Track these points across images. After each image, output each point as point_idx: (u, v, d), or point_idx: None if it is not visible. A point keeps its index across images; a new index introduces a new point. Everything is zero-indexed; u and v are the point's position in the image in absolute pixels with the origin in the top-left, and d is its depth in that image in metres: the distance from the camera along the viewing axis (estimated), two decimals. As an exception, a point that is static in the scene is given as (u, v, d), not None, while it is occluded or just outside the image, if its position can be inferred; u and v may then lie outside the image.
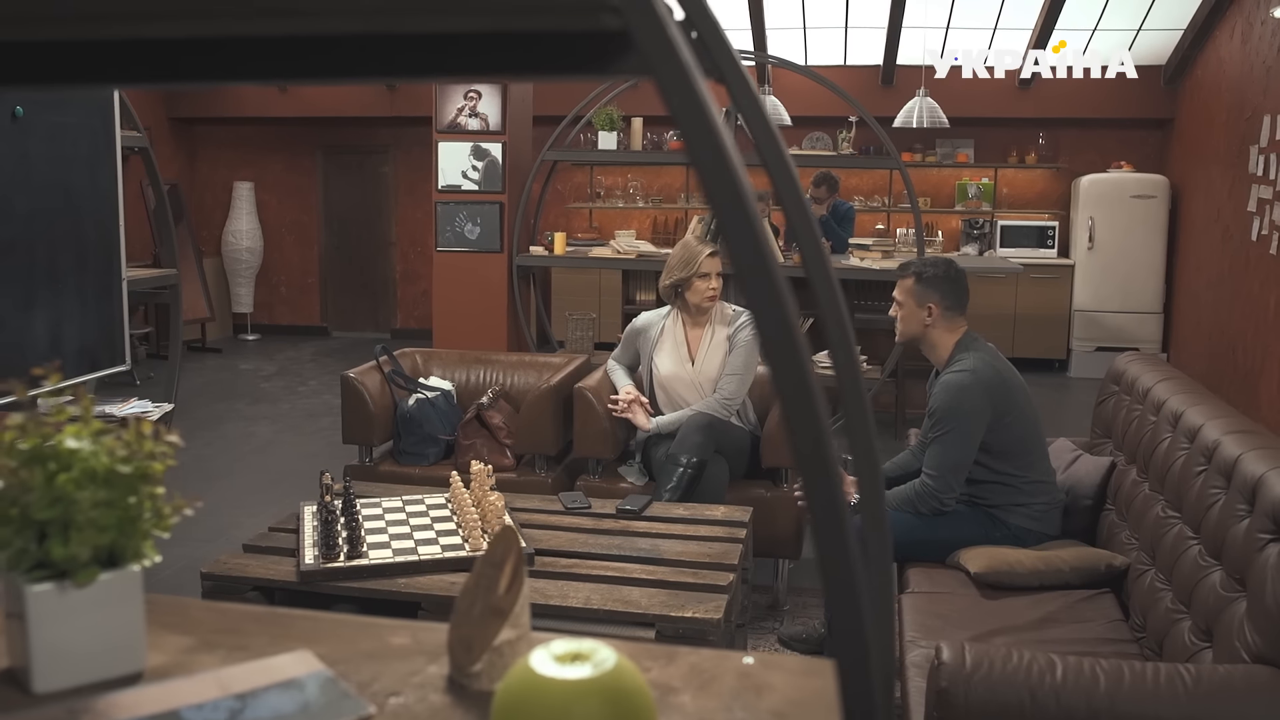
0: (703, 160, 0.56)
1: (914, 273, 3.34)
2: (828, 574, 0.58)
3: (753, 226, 0.57)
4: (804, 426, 0.58)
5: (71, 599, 0.87)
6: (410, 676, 0.92)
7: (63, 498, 0.86)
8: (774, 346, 0.57)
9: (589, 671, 0.71)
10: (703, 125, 0.56)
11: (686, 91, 0.56)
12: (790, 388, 0.58)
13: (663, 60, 0.56)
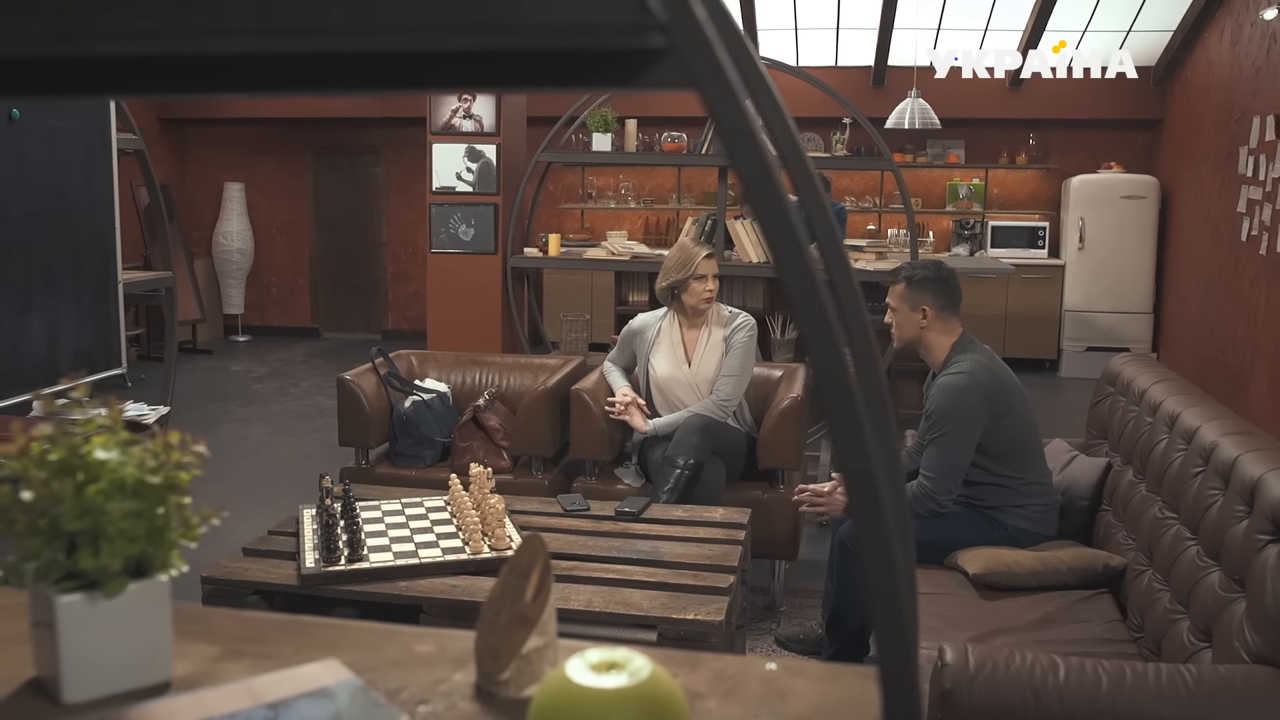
0: (749, 174, 0.57)
1: (905, 277, 3.35)
2: (872, 581, 0.59)
3: (796, 239, 0.58)
4: (848, 441, 0.59)
5: (101, 609, 0.87)
6: (437, 684, 0.92)
7: (93, 509, 0.86)
8: (822, 370, 0.58)
9: (626, 680, 0.71)
10: (748, 141, 0.57)
11: (733, 108, 0.57)
12: (831, 387, 0.59)
13: (710, 79, 0.57)
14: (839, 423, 0.59)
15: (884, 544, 0.60)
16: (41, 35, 0.64)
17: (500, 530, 2.96)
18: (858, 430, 0.58)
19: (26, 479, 0.87)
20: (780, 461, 4.04)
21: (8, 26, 0.62)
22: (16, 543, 0.90)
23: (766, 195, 0.57)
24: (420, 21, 0.55)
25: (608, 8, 0.56)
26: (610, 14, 0.56)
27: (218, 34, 0.59)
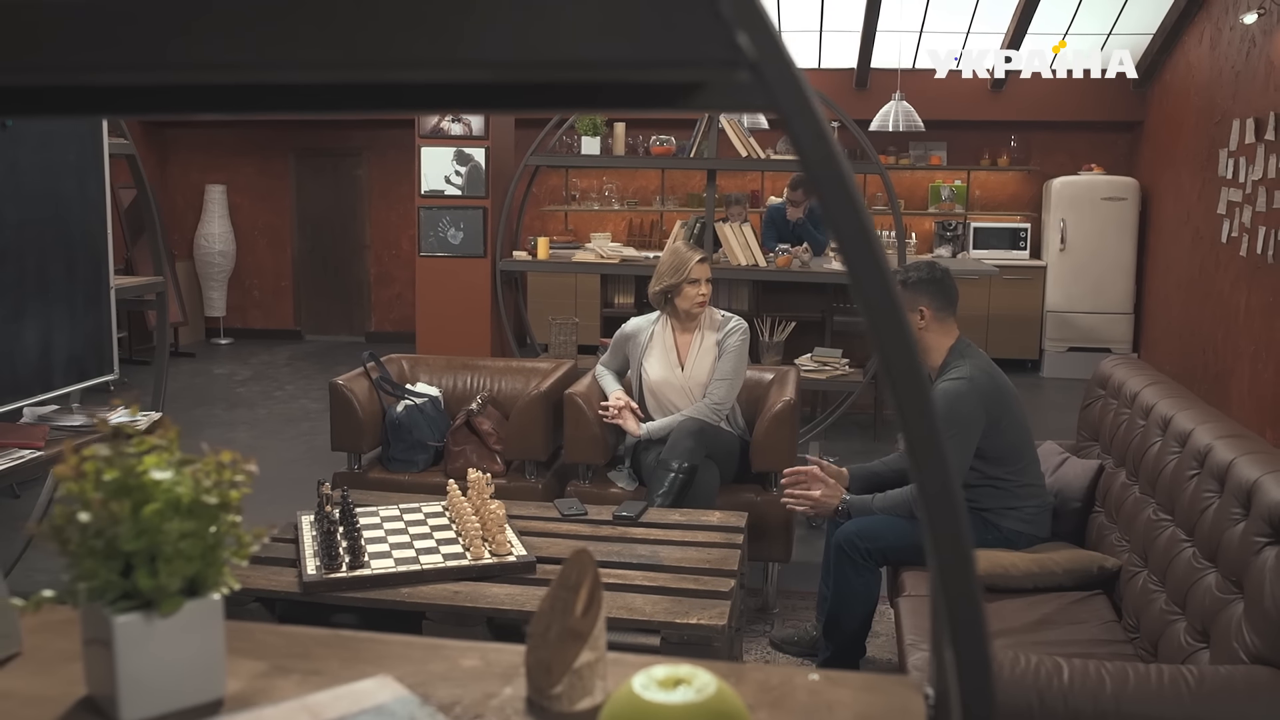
0: (833, 201, 0.59)
1: (899, 280, 3.36)
2: (954, 613, 0.61)
3: (880, 265, 0.59)
4: (929, 463, 0.60)
5: (156, 628, 0.88)
6: (488, 699, 0.94)
7: (150, 530, 0.87)
8: (901, 393, 0.60)
9: (694, 696, 0.73)
10: (833, 170, 0.59)
11: (817, 139, 0.58)
12: (912, 413, 0.60)
13: (797, 112, 0.58)
14: (920, 447, 0.60)
15: (969, 576, 0.61)
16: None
17: (501, 536, 2.97)
18: (939, 456, 0.60)
19: (84, 500, 0.87)
20: (773, 464, 4.06)
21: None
22: (70, 562, 0.91)
23: (849, 222, 0.59)
24: (538, 59, 0.57)
25: (702, 46, 0.57)
26: (704, 51, 0.57)
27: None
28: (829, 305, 6.83)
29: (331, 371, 9.03)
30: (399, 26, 0.58)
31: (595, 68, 0.58)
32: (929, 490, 0.61)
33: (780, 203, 7.46)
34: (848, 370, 5.76)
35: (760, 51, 0.58)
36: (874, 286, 0.59)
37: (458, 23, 0.57)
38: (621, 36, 0.58)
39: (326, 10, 0.57)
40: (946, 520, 0.61)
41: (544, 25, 0.58)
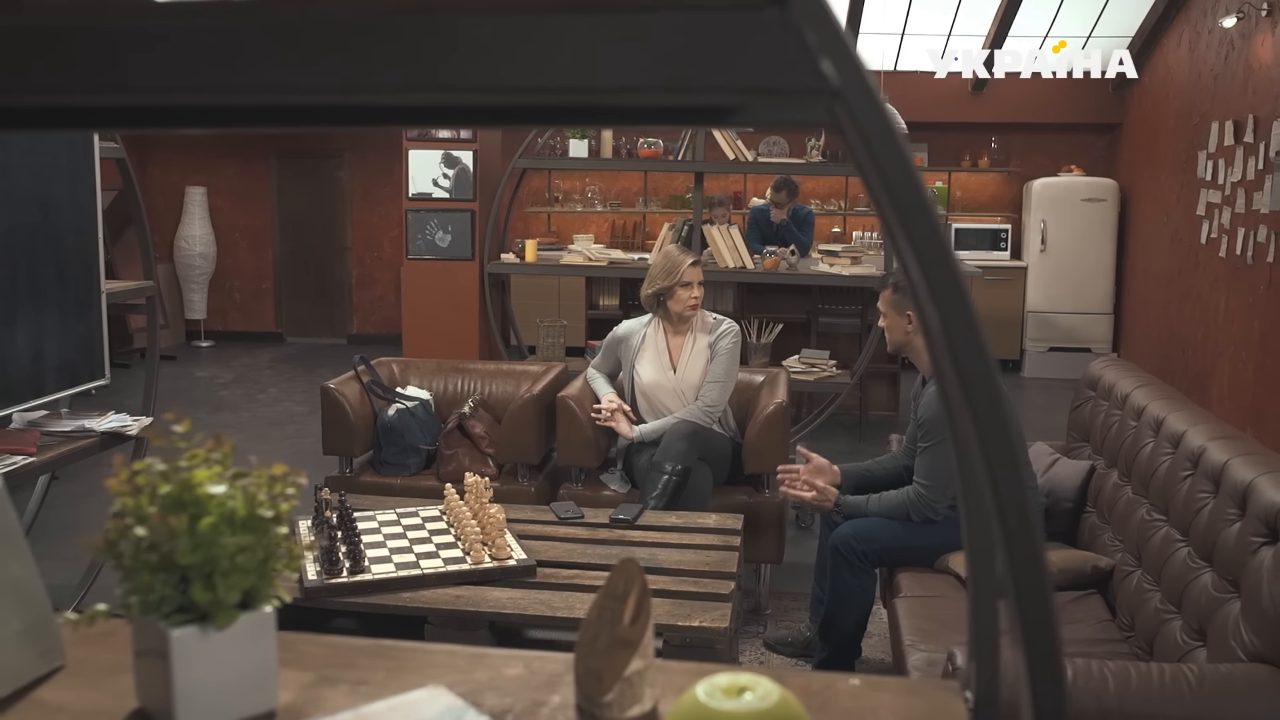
0: (915, 224, 0.60)
1: (892, 283, 3.43)
2: (1034, 666, 0.62)
3: (958, 280, 0.61)
4: (1007, 491, 0.62)
5: (212, 641, 0.89)
6: (538, 707, 0.95)
7: (207, 543, 0.87)
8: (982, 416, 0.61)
9: (759, 703, 0.74)
10: (915, 194, 0.60)
11: (900, 164, 0.60)
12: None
13: (881, 136, 0.60)
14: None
15: (1041, 577, 0.63)
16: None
17: (501, 540, 2.98)
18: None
19: (141, 515, 0.88)
20: (766, 466, 4.09)
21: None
22: (124, 576, 0.91)
23: (930, 245, 0.60)
24: (624, 84, 0.58)
25: (787, 74, 0.59)
26: (789, 79, 0.59)
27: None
28: (814, 307, 6.87)
29: (314, 374, 9.02)
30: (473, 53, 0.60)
31: (681, 92, 0.60)
32: (1004, 495, 0.63)
33: (764, 204, 7.48)
34: (835, 371, 5.79)
35: (843, 79, 0.59)
36: (955, 306, 0.61)
37: (553, 51, 0.59)
38: (708, 63, 0.59)
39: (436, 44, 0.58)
40: (1020, 525, 0.63)
41: (629, 51, 0.59)
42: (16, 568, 1.00)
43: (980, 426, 0.62)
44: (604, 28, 0.59)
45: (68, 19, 0.67)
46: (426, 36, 0.59)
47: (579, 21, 0.59)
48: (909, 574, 3.21)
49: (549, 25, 0.59)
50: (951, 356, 0.62)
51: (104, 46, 0.65)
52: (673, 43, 0.60)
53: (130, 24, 0.65)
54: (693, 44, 0.59)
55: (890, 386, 7.29)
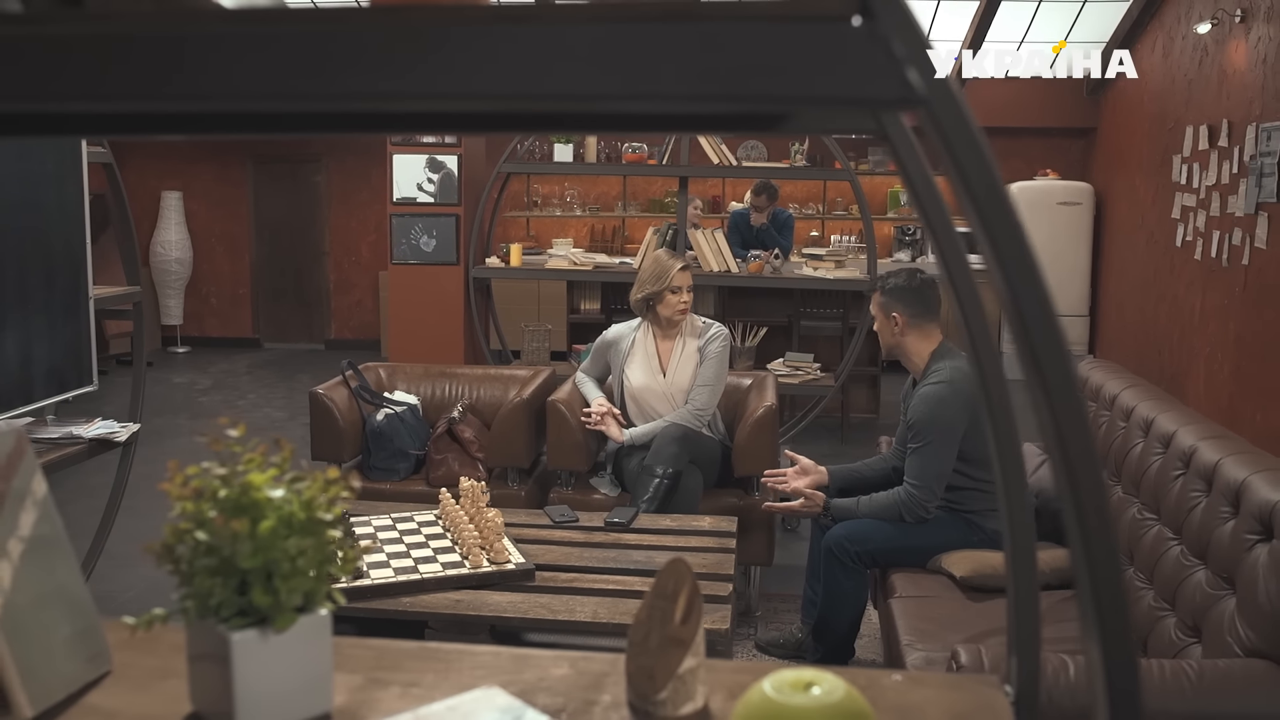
0: (1001, 234, 0.62)
1: (879, 286, 3.46)
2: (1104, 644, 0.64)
3: (1040, 284, 0.63)
4: (1089, 503, 0.64)
5: (271, 644, 0.89)
6: (590, 706, 0.96)
7: (267, 546, 0.88)
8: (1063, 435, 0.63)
9: (827, 697, 0.76)
10: (999, 202, 0.62)
11: (983, 171, 0.62)
12: (1065, 412, 0.64)
13: (965, 145, 0.61)
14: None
15: (1116, 574, 0.65)
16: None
17: (499, 544, 2.98)
18: (1091, 458, 0.63)
19: (202, 519, 0.89)
20: (755, 469, 4.11)
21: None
22: (181, 580, 0.92)
23: (1014, 250, 0.62)
24: (722, 92, 0.59)
25: (877, 85, 0.60)
26: (876, 89, 0.61)
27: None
28: (795, 310, 6.91)
29: (293, 380, 8.97)
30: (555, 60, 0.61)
31: (775, 101, 0.61)
32: (1082, 497, 0.65)
33: (744, 208, 7.52)
34: (819, 374, 5.83)
35: (930, 89, 0.61)
36: (1036, 312, 0.63)
37: (661, 54, 0.60)
38: (800, 74, 0.61)
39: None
40: (1098, 525, 0.65)
41: (716, 61, 0.61)
42: (63, 573, 1.01)
43: (1059, 421, 0.64)
44: (691, 37, 0.61)
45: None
46: (529, 46, 0.60)
47: (668, 30, 0.61)
48: (902, 574, 3.24)
49: (647, 34, 0.60)
50: (1031, 352, 0.64)
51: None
52: (757, 53, 0.61)
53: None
54: (778, 54, 0.61)
55: (871, 389, 7.34)
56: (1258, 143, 5.64)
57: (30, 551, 0.97)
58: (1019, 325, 0.63)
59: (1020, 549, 0.99)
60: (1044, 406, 0.64)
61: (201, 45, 0.70)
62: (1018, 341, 0.65)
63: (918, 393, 3.37)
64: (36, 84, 0.73)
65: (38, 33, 0.74)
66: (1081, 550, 0.65)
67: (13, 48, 0.72)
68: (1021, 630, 1.00)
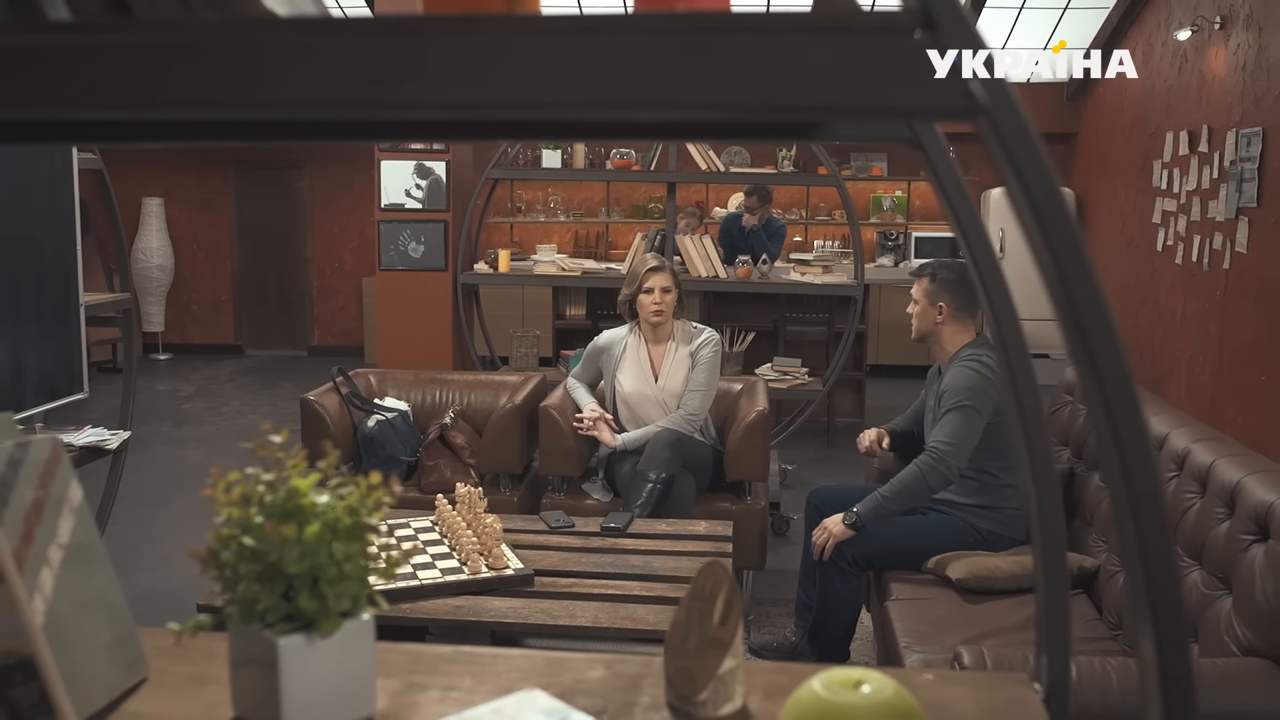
0: (1058, 240, 0.63)
1: (929, 273, 3.52)
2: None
3: (1097, 289, 0.64)
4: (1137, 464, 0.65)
5: (317, 648, 0.90)
6: (630, 707, 0.97)
7: (313, 552, 0.89)
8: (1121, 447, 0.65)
9: (877, 695, 0.77)
10: (1058, 208, 0.64)
11: (1043, 179, 0.63)
12: (1122, 411, 0.65)
13: (1026, 153, 0.63)
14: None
15: (1170, 566, 0.66)
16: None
17: (498, 550, 2.99)
18: (1145, 448, 0.65)
19: (249, 525, 0.89)
20: (748, 473, 4.13)
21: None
22: (224, 586, 0.92)
23: (1070, 254, 0.64)
24: (789, 103, 0.61)
25: (940, 96, 0.62)
26: (942, 100, 0.62)
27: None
28: (781, 315, 6.93)
29: (277, 387, 8.93)
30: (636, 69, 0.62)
31: (839, 112, 0.63)
32: (1138, 487, 0.66)
33: (735, 212, 7.55)
34: (807, 379, 5.85)
35: (992, 99, 0.63)
36: (1094, 310, 0.64)
37: (721, 67, 0.61)
38: (863, 85, 0.62)
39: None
40: (1152, 520, 0.66)
41: (785, 71, 0.62)
42: (101, 580, 1.01)
43: (1115, 419, 0.65)
44: (759, 48, 0.62)
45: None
46: (601, 58, 0.61)
47: (738, 41, 0.62)
48: (898, 577, 3.26)
49: (715, 45, 0.62)
50: (1089, 355, 0.65)
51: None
52: (823, 64, 0.62)
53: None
54: (843, 65, 0.62)
55: (856, 394, 7.37)
56: (1237, 148, 5.71)
57: (70, 558, 0.97)
58: (1076, 328, 0.65)
59: (1050, 549, 1.01)
60: (1101, 408, 0.66)
61: (254, 53, 0.71)
62: (1072, 344, 0.66)
63: (955, 365, 3.40)
64: (86, 91, 0.74)
65: (88, 40, 0.75)
66: (1136, 543, 0.67)
67: (64, 54, 0.73)
68: (1052, 629, 1.01)
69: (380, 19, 0.67)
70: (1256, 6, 5.59)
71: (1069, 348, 0.67)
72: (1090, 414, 0.67)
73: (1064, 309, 0.65)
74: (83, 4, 0.83)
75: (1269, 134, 5.37)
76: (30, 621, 0.90)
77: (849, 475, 5.88)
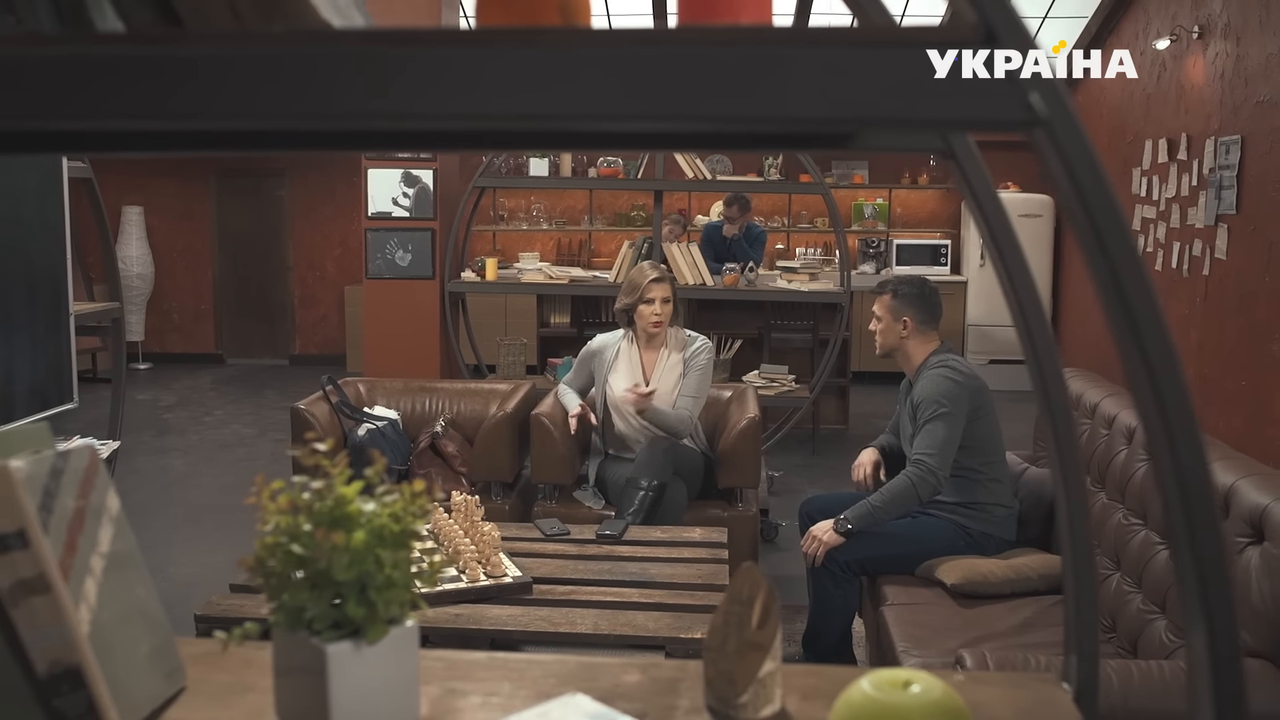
0: (1118, 252, 0.65)
1: (891, 290, 3.54)
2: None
3: (1154, 301, 0.66)
4: (1186, 458, 0.67)
5: (365, 655, 0.91)
6: (671, 711, 0.98)
7: (361, 559, 0.89)
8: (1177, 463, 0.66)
9: (927, 694, 0.78)
10: (1116, 220, 0.65)
11: (1101, 191, 0.65)
12: (1176, 411, 0.67)
13: (1083, 165, 0.65)
14: (1181, 435, 0.67)
15: (1221, 560, 0.68)
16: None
17: (496, 558, 2.99)
18: (1195, 440, 0.67)
19: (297, 533, 0.90)
20: (740, 480, 4.15)
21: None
22: (270, 594, 0.93)
23: (1129, 264, 0.65)
24: (856, 117, 0.62)
25: (1000, 108, 0.64)
26: (1001, 113, 0.64)
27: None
28: (766, 322, 6.96)
29: (259, 396, 8.89)
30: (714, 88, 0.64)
31: (900, 125, 0.64)
32: (1186, 482, 0.68)
33: (716, 221, 7.58)
34: (794, 386, 5.88)
35: (1051, 111, 0.64)
36: (1150, 317, 0.66)
37: (782, 83, 0.63)
38: (923, 97, 0.64)
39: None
40: (1205, 519, 0.68)
41: (847, 84, 0.64)
42: (141, 589, 1.01)
43: (1169, 421, 0.67)
44: (824, 61, 0.64)
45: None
46: (689, 70, 0.62)
47: (804, 55, 0.64)
48: (892, 582, 3.28)
49: (783, 58, 0.63)
50: (1144, 360, 0.67)
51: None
52: (884, 77, 0.64)
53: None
54: (905, 78, 0.64)
55: (840, 400, 7.41)
56: (1216, 156, 5.79)
57: (111, 568, 0.97)
58: (1133, 336, 0.66)
59: (1079, 552, 1.02)
60: (1151, 403, 0.67)
61: (296, 64, 0.71)
62: (1126, 349, 0.68)
63: (924, 375, 3.43)
64: (139, 103, 0.74)
65: (140, 52, 0.75)
66: (1187, 540, 0.68)
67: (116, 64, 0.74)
68: (1081, 630, 1.03)
69: (436, 31, 0.68)
70: (1234, 16, 5.67)
71: (1123, 351, 0.68)
72: (1140, 410, 0.68)
73: (1120, 319, 0.66)
74: (135, 16, 0.84)
75: (1248, 141, 5.45)
76: (77, 631, 0.90)
77: (834, 481, 5.91)
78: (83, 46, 0.77)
